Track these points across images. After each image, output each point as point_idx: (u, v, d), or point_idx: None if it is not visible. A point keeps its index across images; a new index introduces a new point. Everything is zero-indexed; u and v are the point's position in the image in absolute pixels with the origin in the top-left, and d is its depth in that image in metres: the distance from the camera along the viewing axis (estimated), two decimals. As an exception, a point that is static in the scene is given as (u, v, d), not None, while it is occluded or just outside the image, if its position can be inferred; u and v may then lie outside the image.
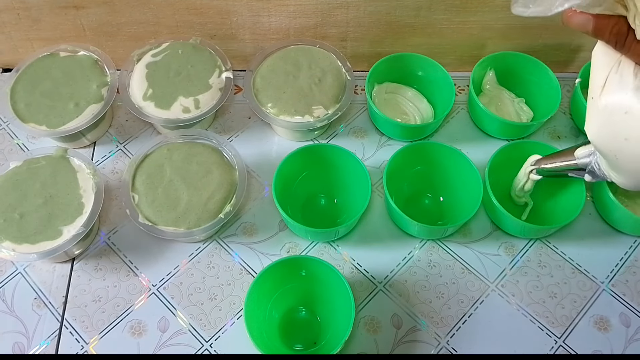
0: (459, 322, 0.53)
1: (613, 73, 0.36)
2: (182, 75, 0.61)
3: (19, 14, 0.62)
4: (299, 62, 0.62)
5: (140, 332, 0.52)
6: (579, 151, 0.48)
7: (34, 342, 0.51)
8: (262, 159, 0.62)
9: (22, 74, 0.61)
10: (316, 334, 0.52)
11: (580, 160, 0.48)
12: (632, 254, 0.56)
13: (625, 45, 0.34)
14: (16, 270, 0.55)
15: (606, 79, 0.36)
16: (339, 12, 0.62)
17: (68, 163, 0.55)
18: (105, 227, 0.58)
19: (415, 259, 0.56)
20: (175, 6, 0.61)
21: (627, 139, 0.36)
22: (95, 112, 0.58)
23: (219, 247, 0.56)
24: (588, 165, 0.47)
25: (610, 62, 0.36)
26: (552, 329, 0.52)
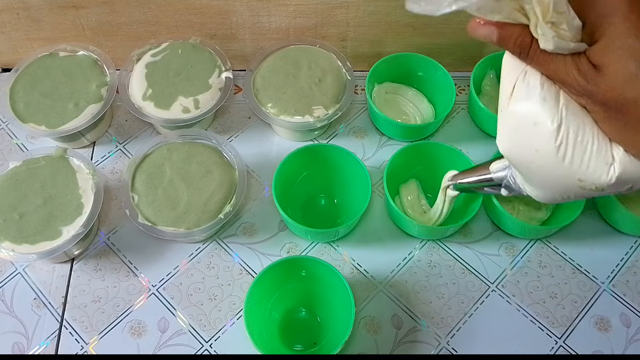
0: (459, 322, 0.52)
1: (520, 82, 0.35)
2: (182, 75, 0.61)
3: (18, 13, 0.62)
4: (299, 62, 0.62)
5: (140, 332, 0.52)
6: (494, 165, 0.46)
7: (34, 343, 0.51)
8: (262, 159, 0.62)
9: (21, 74, 0.60)
10: (316, 335, 0.52)
11: (495, 174, 0.46)
12: (633, 254, 0.56)
13: (529, 55, 0.33)
14: (16, 270, 0.55)
15: (513, 88, 0.36)
16: (339, 12, 0.62)
17: (67, 163, 0.55)
18: (105, 228, 0.58)
19: (415, 259, 0.56)
20: (175, 6, 0.61)
21: (538, 150, 0.35)
22: (94, 112, 0.58)
23: (219, 247, 0.56)
24: (504, 179, 0.45)
25: (518, 70, 0.35)
26: (552, 329, 0.52)
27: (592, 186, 0.35)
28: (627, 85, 0.30)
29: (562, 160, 0.34)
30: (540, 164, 0.36)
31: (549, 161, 0.35)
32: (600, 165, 0.34)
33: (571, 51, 0.32)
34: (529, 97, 0.34)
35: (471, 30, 0.35)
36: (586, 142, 0.34)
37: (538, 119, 0.34)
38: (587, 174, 0.34)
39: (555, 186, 0.37)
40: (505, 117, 0.37)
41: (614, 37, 0.31)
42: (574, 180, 0.35)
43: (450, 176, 0.51)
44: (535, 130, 0.34)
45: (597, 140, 0.34)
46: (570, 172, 0.35)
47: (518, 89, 0.35)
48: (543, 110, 0.34)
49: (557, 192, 0.38)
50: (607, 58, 0.31)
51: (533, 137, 0.35)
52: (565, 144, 0.34)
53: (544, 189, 0.39)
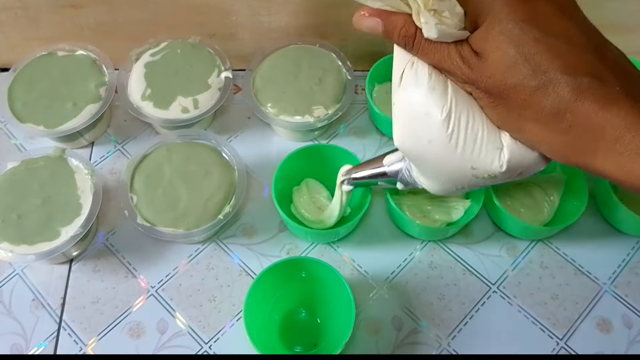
0: (460, 323, 0.52)
1: (408, 70, 0.35)
2: (181, 74, 0.60)
3: (17, 13, 0.61)
4: (299, 61, 0.62)
5: (139, 333, 0.51)
6: (388, 158, 0.45)
7: (32, 344, 0.51)
8: (261, 160, 0.61)
9: (19, 74, 0.60)
10: (316, 336, 0.51)
11: (389, 167, 0.45)
12: (635, 254, 0.56)
13: (414, 45, 0.33)
14: (14, 271, 0.55)
15: (401, 77, 0.35)
16: (339, 11, 0.61)
17: (66, 163, 0.55)
18: (104, 228, 0.57)
19: (416, 260, 0.55)
20: (174, 5, 0.61)
21: (431, 140, 0.35)
22: (93, 112, 0.58)
23: (219, 248, 0.56)
24: (398, 173, 0.45)
25: (406, 60, 0.35)
26: (553, 331, 0.52)
27: (485, 174, 0.35)
28: (507, 71, 0.31)
29: (455, 149, 0.34)
30: (434, 154, 0.36)
31: (442, 151, 0.35)
32: (490, 152, 0.34)
33: (455, 39, 0.32)
34: (418, 87, 0.34)
35: (356, 23, 0.35)
36: (476, 130, 0.34)
37: (428, 109, 0.34)
38: (479, 162, 0.35)
39: (449, 176, 0.37)
40: (397, 109, 0.36)
41: (494, 22, 0.31)
42: (467, 169, 0.35)
43: (345, 171, 0.50)
44: (427, 120, 0.34)
45: (486, 127, 0.34)
46: (463, 161, 0.35)
47: (407, 78, 0.35)
48: (432, 100, 0.34)
49: (452, 183, 0.38)
50: (488, 44, 0.31)
51: (425, 128, 0.35)
52: (457, 132, 0.34)
53: (438, 180, 0.39)
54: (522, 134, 0.33)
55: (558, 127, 0.31)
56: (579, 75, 0.30)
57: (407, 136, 0.37)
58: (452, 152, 0.35)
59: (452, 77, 0.34)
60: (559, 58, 0.30)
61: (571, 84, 0.29)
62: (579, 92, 0.29)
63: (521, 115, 0.32)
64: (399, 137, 0.37)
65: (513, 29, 0.30)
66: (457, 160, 0.35)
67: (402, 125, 0.37)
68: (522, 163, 0.35)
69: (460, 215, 0.55)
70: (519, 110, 0.32)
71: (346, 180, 0.50)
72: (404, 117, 0.36)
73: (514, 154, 0.34)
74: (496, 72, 0.31)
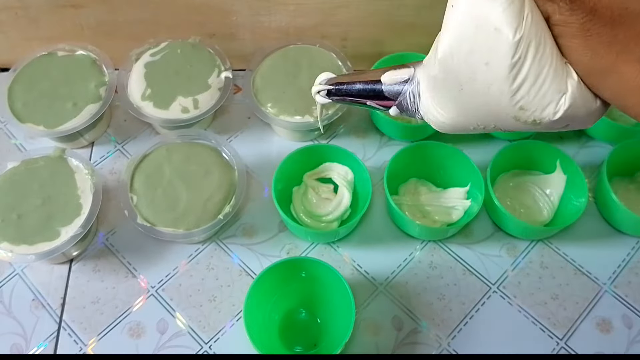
0: (460, 323, 0.52)
1: None
2: (181, 74, 0.60)
3: (17, 13, 0.61)
4: (299, 61, 0.62)
5: (139, 333, 0.51)
6: (389, 75, 0.37)
7: (32, 344, 0.51)
8: (261, 159, 0.61)
9: (19, 74, 0.60)
10: (316, 336, 0.51)
11: (388, 86, 0.37)
12: (635, 254, 0.56)
13: None
14: (14, 271, 0.55)
15: None
16: (339, 11, 0.61)
17: (66, 163, 0.55)
18: (104, 228, 0.57)
19: (416, 260, 0.55)
20: (175, 5, 0.61)
21: (488, 63, 0.29)
22: (93, 112, 0.58)
23: (219, 248, 0.56)
24: (400, 94, 0.36)
25: None
26: (554, 331, 0.52)
27: (531, 117, 0.30)
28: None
29: (513, 80, 0.29)
30: (484, 80, 0.29)
31: (497, 79, 0.29)
32: (550, 94, 0.29)
33: None
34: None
35: None
36: (544, 64, 0.28)
37: (500, 24, 0.28)
38: (533, 103, 0.29)
39: (478, 112, 0.32)
40: (458, 14, 0.29)
41: None
42: (512, 108, 0.30)
43: (325, 79, 0.40)
44: (494, 37, 0.28)
45: (554, 62, 0.28)
46: (515, 97, 0.29)
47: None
48: (508, 15, 0.27)
49: (477, 119, 0.32)
50: None
51: (488, 45, 0.28)
52: (523, 61, 0.28)
53: (461, 113, 0.33)
54: (611, 76, 0.27)
55: None
56: None
57: (463, 49, 0.29)
58: (507, 84, 0.29)
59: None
60: None
61: None
62: None
63: (623, 52, 0.26)
64: (449, 46, 0.30)
65: None
66: (506, 95, 0.29)
67: (459, 35, 0.29)
68: (579, 113, 0.30)
69: (460, 215, 0.55)
70: (623, 46, 0.26)
71: (324, 91, 0.40)
72: (468, 24, 0.29)
73: (575, 102, 0.29)
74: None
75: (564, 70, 0.29)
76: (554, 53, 0.28)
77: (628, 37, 0.26)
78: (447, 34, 0.30)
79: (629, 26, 0.26)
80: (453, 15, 0.30)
